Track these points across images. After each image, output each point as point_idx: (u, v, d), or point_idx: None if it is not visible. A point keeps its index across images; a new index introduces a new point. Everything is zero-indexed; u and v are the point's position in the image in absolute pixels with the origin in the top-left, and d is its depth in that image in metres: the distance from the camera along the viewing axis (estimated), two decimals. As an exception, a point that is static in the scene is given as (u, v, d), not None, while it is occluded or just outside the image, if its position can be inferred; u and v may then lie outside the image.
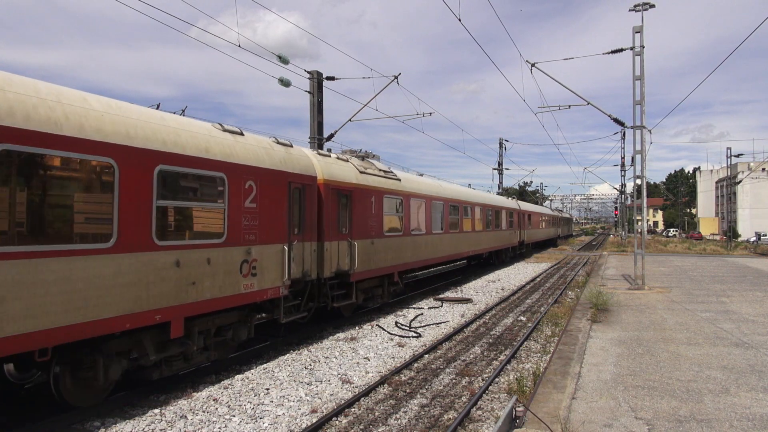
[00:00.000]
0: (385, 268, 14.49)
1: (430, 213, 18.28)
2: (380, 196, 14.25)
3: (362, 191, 13.29)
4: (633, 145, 20.65)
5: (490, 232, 27.63)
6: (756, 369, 8.47)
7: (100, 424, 6.83)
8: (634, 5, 18.69)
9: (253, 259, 9.21)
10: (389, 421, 7.07)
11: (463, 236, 22.57)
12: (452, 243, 20.90)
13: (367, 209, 13.51)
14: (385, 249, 14.49)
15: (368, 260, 13.42)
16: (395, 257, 15.13)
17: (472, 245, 23.89)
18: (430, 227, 18.30)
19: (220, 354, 9.19)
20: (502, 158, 50.90)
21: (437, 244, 19.07)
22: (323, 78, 20.40)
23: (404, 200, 16.01)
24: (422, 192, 17.80)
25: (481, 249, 25.70)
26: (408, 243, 16.19)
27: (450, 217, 20.62)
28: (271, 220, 9.72)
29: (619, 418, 6.37)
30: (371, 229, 13.63)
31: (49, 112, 6.18)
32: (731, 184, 68.06)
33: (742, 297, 16.54)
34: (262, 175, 9.53)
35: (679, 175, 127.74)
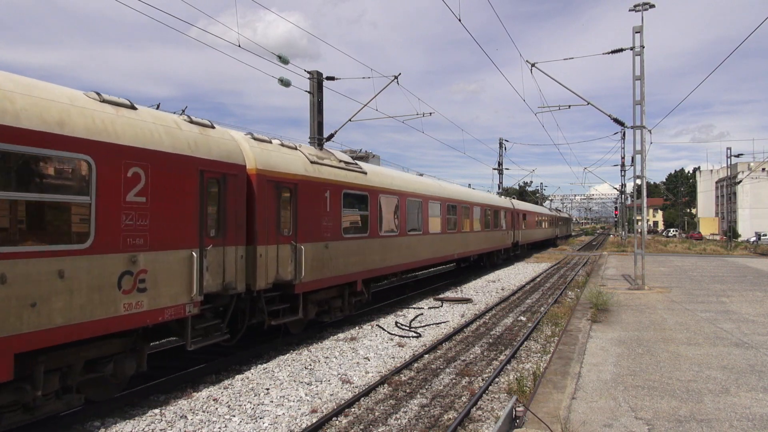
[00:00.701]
0: (344, 276, 12.36)
1: (405, 212, 16.17)
2: (338, 191, 12.13)
3: (313, 185, 11.14)
4: (633, 145, 20.67)
5: (480, 232, 25.50)
6: (756, 369, 8.47)
7: (100, 424, 6.84)
8: (634, 5, 18.69)
9: (141, 270, 7.16)
10: (389, 421, 7.07)
11: (449, 237, 20.56)
12: (434, 245, 18.83)
13: (319, 206, 11.38)
14: (345, 253, 12.39)
15: (321, 267, 11.35)
16: (358, 262, 13.04)
17: (458, 247, 21.82)
18: (405, 228, 16.15)
19: (98, 394, 7.32)
20: (502, 158, 50.87)
21: (415, 247, 16.94)
22: (323, 78, 20.40)
23: (371, 197, 13.86)
24: (395, 188, 15.66)
25: (469, 251, 23.66)
26: (375, 246, 14.06)
27: (431, 216, 18.62)
28: (172, 218, 7.68)
29: (619, 418, 6.37)
30: (325, 230, 11.56)
31: None
32: (731, 184, 68.07)
33: (742, 297, 16.54)
34: (157, 160, 7.47)
35: (679, 175, 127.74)
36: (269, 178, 9.92)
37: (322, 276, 11.44)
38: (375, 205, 14.13)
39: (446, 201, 20.39)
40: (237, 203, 9.05)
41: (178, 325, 8.17)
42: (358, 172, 13.56)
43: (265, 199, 9.79)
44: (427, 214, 18.10)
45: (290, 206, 10.52)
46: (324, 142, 20.46)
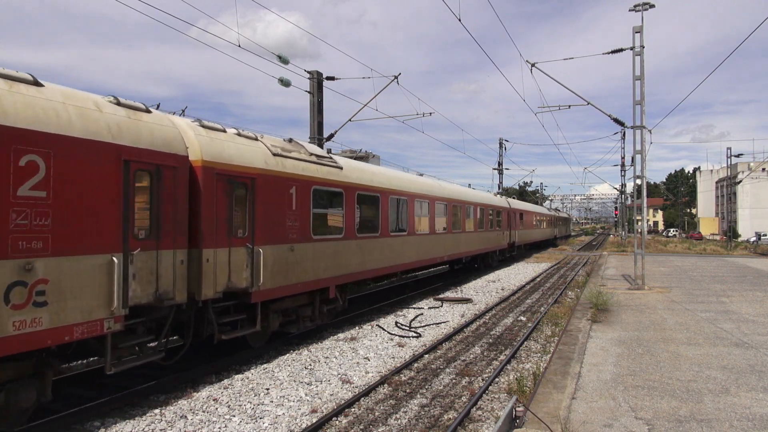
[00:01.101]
0: (313, 282, 11.06)
1: (387, 211, 14.83)
2: (306, 188, 10.86)
3: (275, 180, 9.88)
4: (633, 145, 20.67)
5: (473, 233, 24.06)
6: (756, 369, 8.47)
7: (100, 424, 6.84)
8: (634, 5, 18.69)
9: (40, 279, 5.95)
10: (389, 421, 7.07)
11: (438, 238, 19.22)
12: (422, 246, 17.47)
13: (282, 204, 10.12)
14: (315, 256, 11.13)
15: (285, 272, 10.10)
16: (331, 267, 11.73)
17: (449, 249, 20.49)
18: (388, 228, 14.84)
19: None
20: (502, 158, 50.92)
21: (399, 249, 15.60)
22: (323, 78, 20.41)
23: (347, 194, 12.51)
24: (376, 185, 14.22)
25: (461, 252, 22.19)
26: (352, 248, 12.73)
27: (418, 216, 17.36)
28: (84, 218, 6.51)
29: (619, 418, 6.37)
30: (290, 231, 10.30)
31: None
32: (731, 184, 68.08)
33: (742, 297, 16.54)
34: (63, 147, 6.27)
35: (679, 175, 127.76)
36: (220, 172, 8.67)
37: (287, 282, 10.17)
38: (352, 204, 12.77)
39: (435, 199, 19.10)
40: (176, 200, 7.78)
41: (98, 343, 7.00)
42: (332, 166, 12.12)
43: (214, 196, 8.56)
44: (413, 213, 16.76)
45: (246, 204, 9.22)
46: (324, 142, 20.48)
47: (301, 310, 11.25)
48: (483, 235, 26.06)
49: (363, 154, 22.37)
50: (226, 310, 9.16)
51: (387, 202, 14.85)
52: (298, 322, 11.22)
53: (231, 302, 9.11)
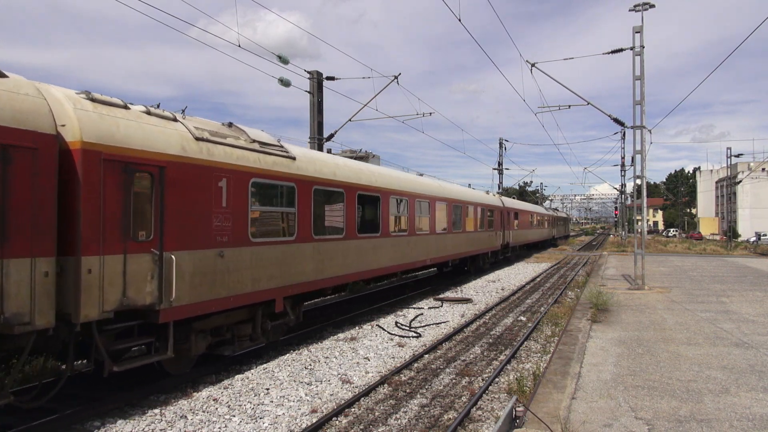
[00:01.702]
0: (253, 294, 9.29)
1: (355, 209, 12.98)
2: (243, 181, 9.08)
3: (196, 170, 8.11)
4: (633, 145, 20.68)
5: (461, 233, 22.11)
6: (756, 369, 8.47)
7: (100, 424, 6.84)
8: (634, 5, 18.70)
9: None
10: (389, 421, 7.07)
11: (419, 240, 17.29)
12: (398, 249, 15.55)
13: (207, 200, 8.33)
14: (256, 263, 9.34)
15: (212, 283, 8.33)
16: (279, 275, 9.95)
17: (432, 251, 18.54)
18: (356, 229, 12.98)
19: None
20: (502, 158, 50.98)
21: (369, 253, 13.68)
22: (323, 78, 20.42)
23: (301, 189, 10.69)
24: (341, 179, 12.37)
25: (446, 255, 20.29)
26: (307, 253, 10.88)
27: (395, 214, 15.57)
28: None
29: (619, 418, 6.37)
30: (219, 233, 8.53)
31: None
32: (731, 184, 68.10)
33: (742, 297, 16.54)
34: None
35: (679, 175, 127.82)
36: (110, 157, 6.93)
37: (214, 295, 8.35)
38: (307, 201, 10.90)
39: (416, 197, 17.17)
40: (37, 192, 6.19)
41: None
42: (281, 156, 10.27)
43: (100, 188, 6.83)
44: (387, 212, 14.91)
45: (153, 199, 7.46)
46: (324, 142, 20.49)
47: (237, 328, 9.40)
48: (473, 235, 24.09)
49: (363, 154, 22.35)
50: (128, 333, 7.48)
51: (354, 199, 13.00)
52: (234, 342, 9.33)
53: (135, 322, 7.41)
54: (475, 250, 24.55)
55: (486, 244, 26.54)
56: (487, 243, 26.64)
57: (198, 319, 8.40)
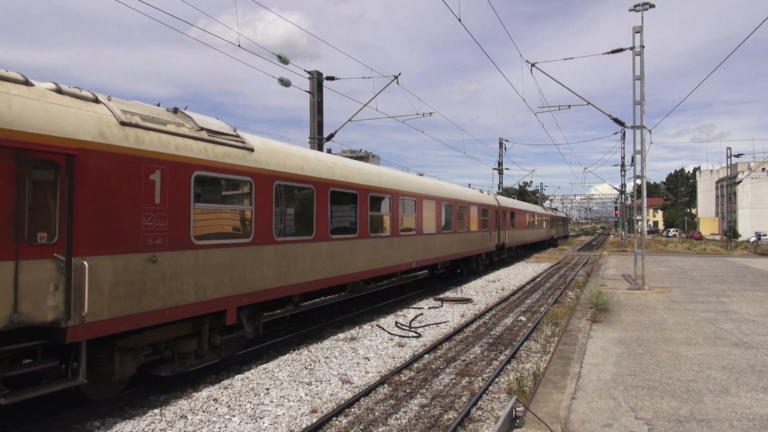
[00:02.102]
0: (197, 305, 8.02)
1: (327, 208, 11.69)
2: (183, 174, 7.86)
3: (119, 160, 6.92)
4: (633, 145, 20.68)
5: (451, 234, 20.62)
6: (756, 369, 8.47)
7: (100, 424, 6.84)
8: (634, 5, 18.70)
9: None
10: (389, 421, 7.07)
11: (404, 241, 15.94)
12: (378, 251, 14.24)
13: (135, 196, 7.12)
14: (200, 269, 8.09)
15: (141, 293, 7.11)
16: (229, 282, 8.67)
17: (419, 253, 17.18)
18: (327, 229, 11.65)
19: None
20: (502, 158, 51.04)
21: (343, 256, 12.35)
22: (323, 78, 20.43)
23: (259, 184, 9.47)
24: (308, 174, 11.09)
25: (434, 257, 18.88)
26: (267, 256, 9.62)
27: (376, 214, 14.27)
28: None
29: (619, 418, 6.37)
30: (151, 234, 7.32)
31: None
32: (731, 184, 68.11)
33: (742, 297, 16.54)
34: None
35: (679, 175, 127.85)
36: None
37: (145, 308, 7.14)
38: (267, 198, 9.71)
39: (401, 195, 15.85)
40: None
41: None
42: (235, 146, 9.08)
43: None
44: (367, 211, 13.67)
45: (58, 194, 6.33)
46: (324, 142, 20.50)
47: (179, 344, 8.18)
48: (465, 236, 22.64)
49: (363, 154, 22.34)
50: (28, 354, 6.36)
51: (326, 196, 11.67)
52: (173, 361, 8.10)
53: (37, 342, 6.23)
54: (468, 251, 23.21)
55: (479, 245, 25.07)
56: (480, 244, 25.20)
57: (124, 336, 7.23)
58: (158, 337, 7.83)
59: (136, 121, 7.37)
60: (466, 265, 24.37)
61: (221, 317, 8.70)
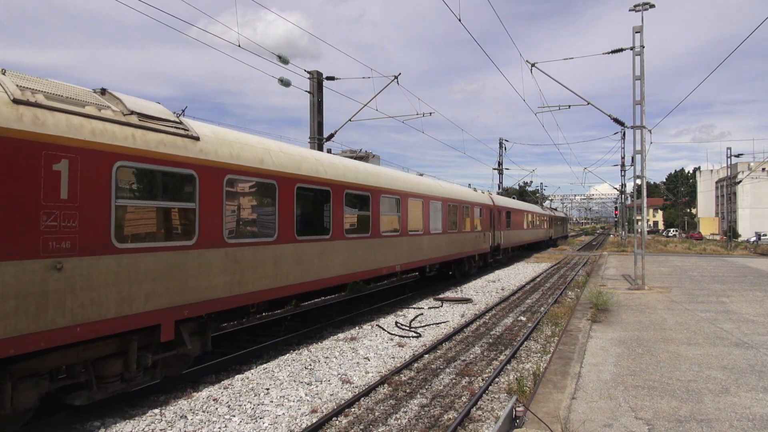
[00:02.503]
0: (121, 320, 6.78)
1: (293, 205, 10.51)
2: (101, 164, 6.69)
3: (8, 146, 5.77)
4: (633, 145, 20.67)
5: (440, 235, 19.32)
6: (756, 369, 8.47)
7: (100, 424, 6.84)
8: (634, 5, 18.70)
9: None
10: (389, 421, 7.07)
11: (384, 243, 14.64)
12: (355, 254, 13.03)
13: (29, 189, 5.94)
14: (124, 277, 6.84)
15: (41, 308, 5.93)
16: (165, 292, 7.45)
17: (402, 256, 15.84)
18: (293, 230, 10.46)
19: None
20: (502, 158, 51.07)
21: (312, 259, 11.11)
22: (323, 78, 20.43)
23: (206, 179, 8.27)
24: (268, 168, 9.82)
25: (421, 260, 17.51)
26: (214, 261, 8.36)
27: (352, 213, 13.09)
28: None
29: (619, 418, 6.37)
30: (55, 236, 6.15)
31: None
32: (731, 184, 68.12)
33: (742, 297, 16.54)
34: None
35: (679, 175, 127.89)
36: None
37: (47, 326, 5.98)
38: (216, 194, 8.48)
39: (382, 193, 14.61)
40: None
41: None
42: (174, 134, 7.85)
43: None
44: (341, 210, 12.42)
45: None
46: (324, 142, 20.50)
47: (100, 366, 6.95)
48: (456, 237, 21.33)
49: (363, 154, 22.33)
50: None
51: (291, 193, 10.49)
52: (90, 387, 6.82)
53: None
54: (460, 253, 21.92)
55: (472, 247, 23.83)
56: (473, 245, 23.90)
57: (18, 361, 6.03)
58: (68, 359, 6.58)
59: (37, 99, 6.21)
60: (458, 267, 23.21)
61: (154, 333, 7.47)
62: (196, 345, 8.35)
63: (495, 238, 28.24)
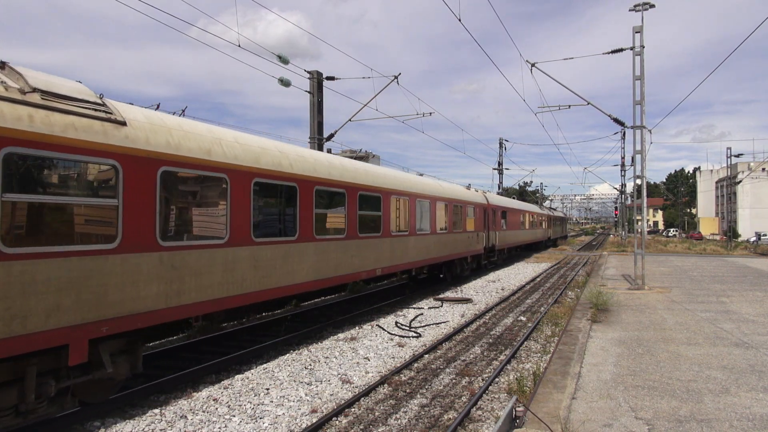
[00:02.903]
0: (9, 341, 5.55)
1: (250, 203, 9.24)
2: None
3: None
4: (633, 145, 20.68)
5: (428, 236, 17.94)
6: (756, 369, 8.47)
7: (100, 424, 6.84)
8: (634, 5, 18.70)
9: None
10: (389, 421, 7.07)
11: (362, 244, 13.30)
12: (329, 256, 11.72)
13: None
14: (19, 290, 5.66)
15: None
16: (74, 306, 6.21)
17: (384, 258, 14.55)
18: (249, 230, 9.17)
19: None
20: (502, 158, 51.08)
21: (274, 263, 9.84)
22: (323, 78, 20.44)
23: (129, 171, 7.01)
24: (217, 160, 8.58)
25: (405, 263, 16.12)
26: (143, 267, 7.14)
27: (322, 212, 11.68)
28: None
29: (619, 418, 6.37)
30: None
31: None
32: (731, 184, 68.13)
33: (742, 297, 16.54)
34: None
35: (679, 175, 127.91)
36: None
37: None
38: (147, 189, 7.26)
39: (359, 189, 13.24)
40: None
41: None
42: (90, 116, 6.64)
43: None
44: (310, 208, 11.06)
45: None
46: (324, 142, 20.50)
47: None
48: (446, 237, 19.93)
49: (363, 154, 22.35)
50: None
51: (248, 189, 9.17)
52: None
53: None
54: (450, 254, 20.62)
55: (464, 248, 22.47)
56: (465, 246, 22.60)
57: None
58: None
59: None
60: (450, 269, 21.91)
61: (60, 356, 6.22)
62: (122, 367, 7.12)
63: (489, 239, 27.08)
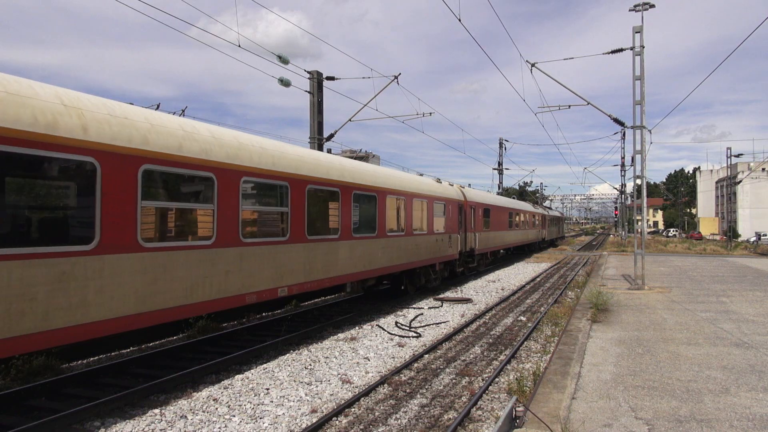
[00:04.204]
0: None
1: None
2: None
3: None
4: (633, 145, 20.68)
5: (372, 239, 14.04)
6: (756, 369, 8.47)
7: (100, 424, 6.84)
8: (634, 5, 18.70)
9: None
10: (389, 421, 7.07)
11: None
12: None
13: None
14: None
15: None
16: None
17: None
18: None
19: None
20: (502, 158, 51.09)
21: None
22: (323, 78, 20.44)
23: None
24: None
25: (335, 276, 12.28)
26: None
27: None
28: None
29: (619, 418, 6.37)
30: None
31: None
32: (731, 184, 68.12)
33: (742, 297, 16.54)
34: None
35: (679, 175, 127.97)
36: None
37: None
38: None
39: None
40: None
41: None
42: None
43: None
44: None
45: None
46: (324, 142, 20.51)
47: None
48: (403, 241, 16.09)
49: (363, 154, 22.33)
50: None
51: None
52: None
53: None
54: (410, 262, 16.75)
55: (430, 253, 18.50)
56: (432, 251, 18.63)
57: None
58: None
59: None
60: (411, 280, 18.20)
61: None
62: None
63: (467, 242, 23.06)
